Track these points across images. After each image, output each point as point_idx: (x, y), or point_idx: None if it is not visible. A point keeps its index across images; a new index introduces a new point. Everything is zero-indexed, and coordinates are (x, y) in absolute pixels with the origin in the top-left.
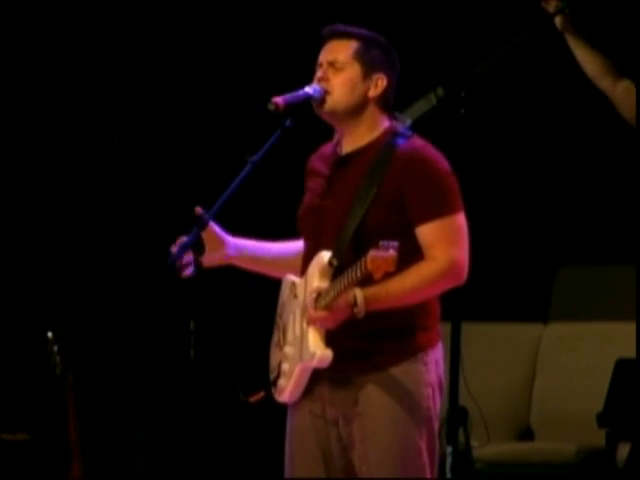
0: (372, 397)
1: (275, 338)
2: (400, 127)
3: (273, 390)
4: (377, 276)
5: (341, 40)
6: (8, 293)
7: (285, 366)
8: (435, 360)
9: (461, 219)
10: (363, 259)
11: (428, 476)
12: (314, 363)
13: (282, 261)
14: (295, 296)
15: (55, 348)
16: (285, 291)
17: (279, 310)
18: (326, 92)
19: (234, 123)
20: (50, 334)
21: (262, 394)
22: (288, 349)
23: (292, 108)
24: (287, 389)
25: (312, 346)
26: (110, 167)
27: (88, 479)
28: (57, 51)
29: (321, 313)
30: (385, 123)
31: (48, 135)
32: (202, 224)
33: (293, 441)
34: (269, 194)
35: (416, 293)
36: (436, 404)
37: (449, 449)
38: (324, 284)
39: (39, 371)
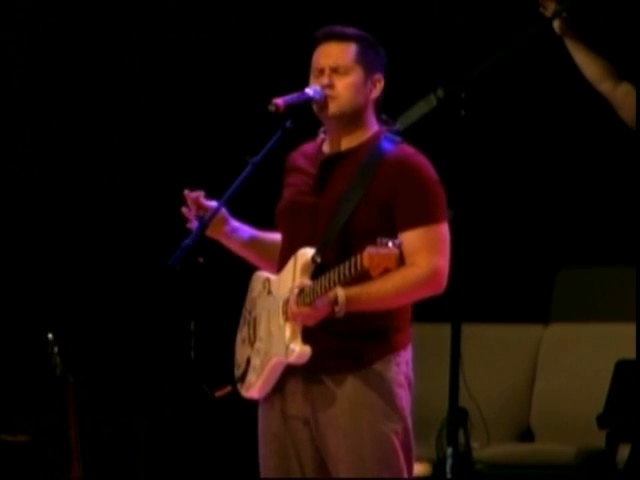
0: (349, 396)
1: (243, 334)
2: (389, 131)
3: (239, 386)
4: (375, 273)
5: (339, 43)
6: (9, 294)
7: (256, 361)
8: (406, 361)
9: (445, 229)
10: (359, 256)
11: (405, 477)
12: (292, 359)
13: (266, 251)
14: (269, 292)
15: (55, 349)
16: (257, 286)
17: (248, 306)
18: (329, 96)
19: (235, 124)
20: (50, 335)
21: (228, 389)
22: (260, 344)
23: (292, 109)
24: (257, 384)
25: (290, 342)
26: (110, 167)
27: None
28: (57, 51)
29: (304, 309)
30: (375, 126)
31: (48, 135)
32: (202, 225)
33: (266, 441)
34: (270, 195)
35: (396, 298)
36: (408, 403)
37: (449, 450)
38: (306, 280)
39: (39, 372)
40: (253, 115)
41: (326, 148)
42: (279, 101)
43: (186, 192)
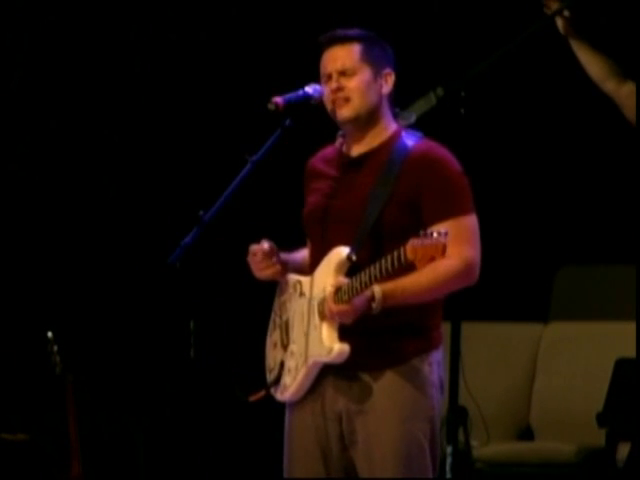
0: (380, 394)
1: (273, 338)
2: (408, 128)
3: (273, 390)
4: (421, 265)
5: (343, 46)
6: (8, 293)
7: (291, 363)
8: (438, 361)
9: (474, 220)
10: (402, 249)
11: (430, 476)
12: (332, 357)
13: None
14: (301, 294)
15: (55, 348)
16: (287, 290)
17: (277, 309)
18: (344, 99)
19: (234, 123)
20: (50, 334)
21: (262, 393)
22: (294, 347)
23: (292, 108)
24: (293, 386)
25: (328, 341)
26: (110, 167)
27: (88, 479)
28: (57, 51)
29: (343, 307)
30: (393, 124)
31: (48, 135)
32: (202, 224)
33: (293, 440)
34: (269, 194)
35: (431, 291)
36: (439, 404)
37: (449, 449)
38: (342, 279)
39: (39, 371)
40: (253, 114)
41: (347, 150)
42: (278, 100)
43: (252, 247)
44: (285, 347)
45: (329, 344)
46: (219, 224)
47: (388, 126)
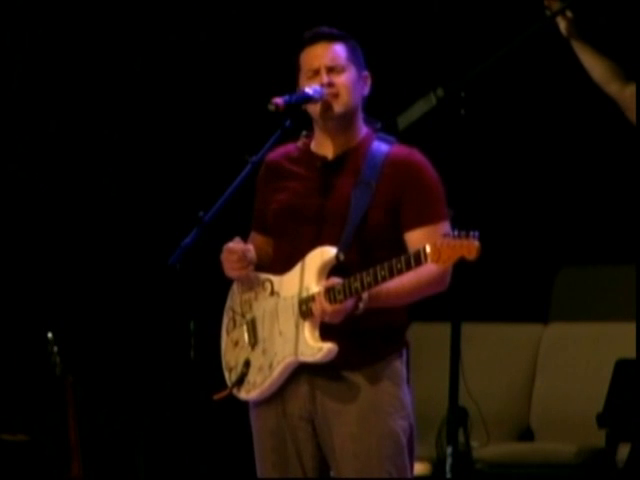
0: (363, 392)
1: (233, 336)
2: (377, 130)
3: (236, 389)
4: (446, 266)
5: (329, 43)
6: (8, 294)
7: (262, 362)
8: (407, 359)
9: (448, 227)
10: (421, 249)
11: (409, 476)
12: (320, 357)
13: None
14: (272, 293)
15: (55, 349)
16: (252, 288)
17: (238, 308)
18: (331, 95)
19: (234, 123)
20: (50, 335)
21: (227, 392)
22: (266, 345)
23: (292, 108)
24: (265, 384)
25: (313, 340)
26: (110, 167)
27: (88, 479)
28: (57, 51)
29: (337, 306)
30: (364, 127)
31: (48, 135)
32: (202, 225)
33: (263, 439)
34: None
35: (411, 295)
36: (412, 401)
37: (449, 449)
38: (336, 278)
39: (39, 372)
40: (253, 115)
41: (319, 150)
42: (278, 100)
43: (231, 246)
44: (253, 346)
45: (316, 343)
46: (219, 225)
47: (361, 128)
